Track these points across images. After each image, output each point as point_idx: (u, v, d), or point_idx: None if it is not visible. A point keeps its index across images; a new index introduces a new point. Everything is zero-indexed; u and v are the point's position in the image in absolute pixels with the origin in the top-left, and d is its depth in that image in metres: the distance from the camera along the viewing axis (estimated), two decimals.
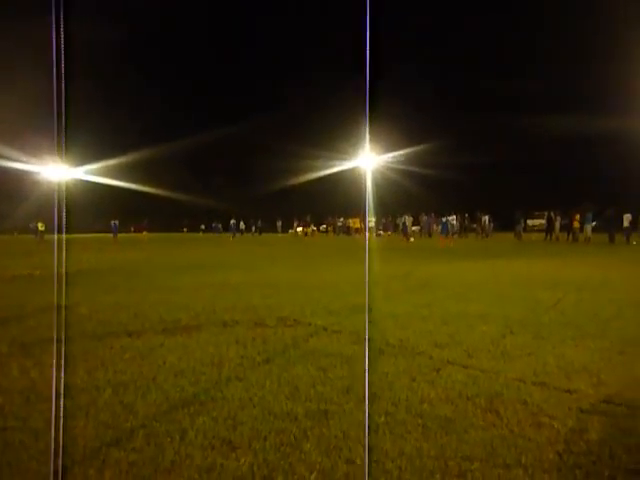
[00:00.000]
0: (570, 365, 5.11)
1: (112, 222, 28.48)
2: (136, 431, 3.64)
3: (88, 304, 8.82)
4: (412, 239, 34.34)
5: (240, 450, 3.34)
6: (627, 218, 30.84)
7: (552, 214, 36.38)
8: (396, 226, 48.46)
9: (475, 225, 45.47)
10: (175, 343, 6.16)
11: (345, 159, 50.00)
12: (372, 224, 48.56)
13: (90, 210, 55.05)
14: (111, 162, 51.37)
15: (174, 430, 3.65)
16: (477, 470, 3.06)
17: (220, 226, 67.37)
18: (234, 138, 68.03)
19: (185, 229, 71.53)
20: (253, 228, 63.31)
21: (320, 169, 56.59)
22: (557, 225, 35.94)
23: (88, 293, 10.26)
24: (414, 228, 49.45)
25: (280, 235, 57.09)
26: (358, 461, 3.18)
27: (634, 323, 7.01)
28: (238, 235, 56.07)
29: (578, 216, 33.16)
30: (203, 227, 72.25)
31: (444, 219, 36.84)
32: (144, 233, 43.21)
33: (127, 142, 61.81)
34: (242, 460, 3.21)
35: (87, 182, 48.10)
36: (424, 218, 45.84)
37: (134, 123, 61.86)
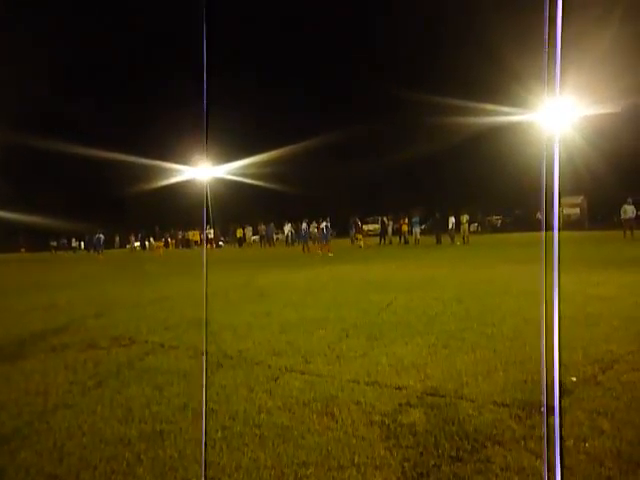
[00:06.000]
0: (400, 363, 5.37)
1: None
2: None
3: None
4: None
5: None
6: (451, 221, 33.47)
7: (385, 219, 38.44)
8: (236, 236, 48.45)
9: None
10: None
11: (183, 171, 49.09)
12: (211, 235, 48.01)
13: None
14: None
15: None
16: (312, 475, 3.11)
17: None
18: (66, 147, 63.38)
19: (23, 249, 64.16)
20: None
21: (157, 180, 54.91)
22: (390, 229, 38.04)
23: None
24: (253, 237, 49.71)
25: (117, 251, 54.59)
26: None
27: (457, 318, 7.55)
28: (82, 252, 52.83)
29: (406, 220, 35.50)
30: (55, 244, 65.73)
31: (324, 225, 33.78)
32: None
33: None
34: None
35: None
36: (263, 227, 46.21)
37: None
